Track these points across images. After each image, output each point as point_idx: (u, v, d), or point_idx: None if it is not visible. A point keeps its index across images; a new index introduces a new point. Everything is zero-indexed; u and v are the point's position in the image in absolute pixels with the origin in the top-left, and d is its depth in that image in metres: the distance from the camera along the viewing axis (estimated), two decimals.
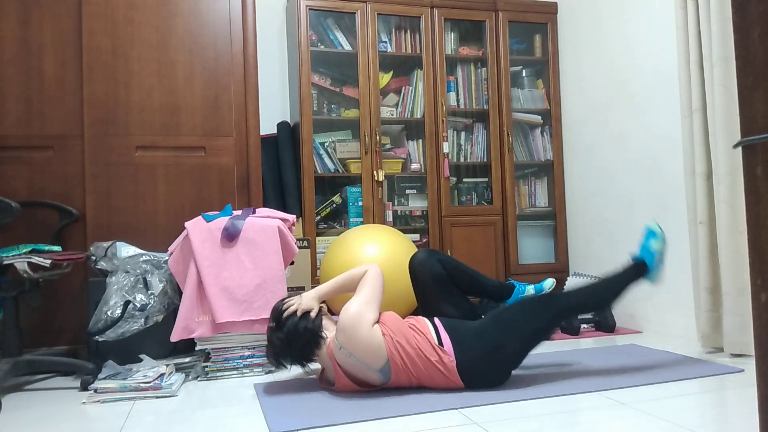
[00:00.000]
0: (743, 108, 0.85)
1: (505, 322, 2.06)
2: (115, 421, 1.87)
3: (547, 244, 3.90)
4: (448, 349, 1.99)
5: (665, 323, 3.01)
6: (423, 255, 2.30)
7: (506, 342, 2.01)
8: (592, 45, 3.54)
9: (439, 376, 1.99)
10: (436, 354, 1.98)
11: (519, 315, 2.08)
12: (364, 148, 3.49)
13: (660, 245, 2.30)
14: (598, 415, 1.76)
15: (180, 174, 2.87)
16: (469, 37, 3.88)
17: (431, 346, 1.99)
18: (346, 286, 2.19)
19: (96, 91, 2.79)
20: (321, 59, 3.59)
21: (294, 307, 2.09)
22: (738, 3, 0.84)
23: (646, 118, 3.12)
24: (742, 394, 1.93)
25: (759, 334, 0.83)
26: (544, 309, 2.11)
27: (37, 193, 2.69)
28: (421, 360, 1.98)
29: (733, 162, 2.39)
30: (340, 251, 3.00)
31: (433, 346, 1.99)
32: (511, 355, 2.04)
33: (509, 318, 2.07)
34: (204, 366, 2.39)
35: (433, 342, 2.00)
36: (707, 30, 2.49)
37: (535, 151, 3.90)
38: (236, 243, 2.47)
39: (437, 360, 1.98)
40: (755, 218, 0.83)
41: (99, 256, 2.50)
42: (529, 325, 2.06)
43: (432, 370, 1.98)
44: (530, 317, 2.07)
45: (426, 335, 2.01)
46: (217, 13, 2.96)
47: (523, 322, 2.05)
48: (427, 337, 2.01)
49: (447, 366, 1.98)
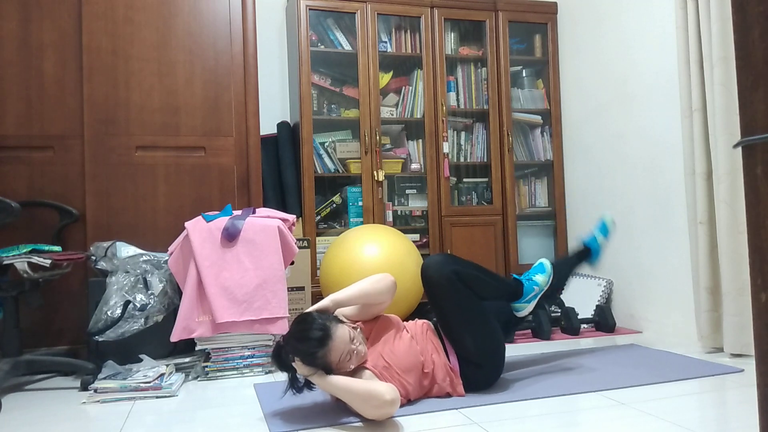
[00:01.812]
0: (743, 108, 0.85)
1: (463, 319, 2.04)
2: (115, 421, 1.87)
3: (547, 244, 3.90)
4: (456, 367, 2.00)
5: (665, 323, 3.01)
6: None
7: (467, 335, 2.01)
8: (592, 45, 3.54)
9: (444, 393, 2.00)
10: (448, 378, 1.99)
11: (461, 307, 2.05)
12: (364, 148, 3.49)
13: (544, 281, 2.22)
14: (598, 415, 1.76)
15: (180, 174, 2.87)
16: (469, 37, 3.88)
17: (445, 371, 1.99)
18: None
19: (96, 91, 2.79)
20: (321, 59, 3.59)
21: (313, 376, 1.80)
22: (738, 3, 0.84)
23: (646, 118, 3.12)
24: (742, 394, 1.93)
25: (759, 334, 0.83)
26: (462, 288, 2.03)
27: (37, 193, 2.69)
28: (429, 390, 1.97)
29: (733, 162, 2.39)
30: (340, 251, 3.00)
31: (447, 371, 1.99)
32: (475, 347, 2.01)
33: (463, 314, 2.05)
34: (204, 366, 2.40)
35: (446, 365, 1.99)
36: (707, 30, 2.49)
37: (535, 151, 3.90)
38: (236, 243, 2.47)
39: (448, 384, 1.99)
40: (755, 218, 0.83)
41: (99, 256, 2.50)
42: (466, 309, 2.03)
43: (439, 391, 1.99)
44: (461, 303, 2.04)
45: (441, 359, 1.99)
46: (217, 13, 2.96)
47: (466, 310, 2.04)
48: (442, 360, 2.00)
49: (456, 390, 1.99)
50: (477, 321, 2.04)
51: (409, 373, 1.90)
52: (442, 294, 2.03)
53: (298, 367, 1.78)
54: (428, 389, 1.97)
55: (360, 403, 1.71)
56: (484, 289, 2.08)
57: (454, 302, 2.02)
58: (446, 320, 2.05)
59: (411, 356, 1.92)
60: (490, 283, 2.11)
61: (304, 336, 1.76)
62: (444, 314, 2.05)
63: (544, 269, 2.23)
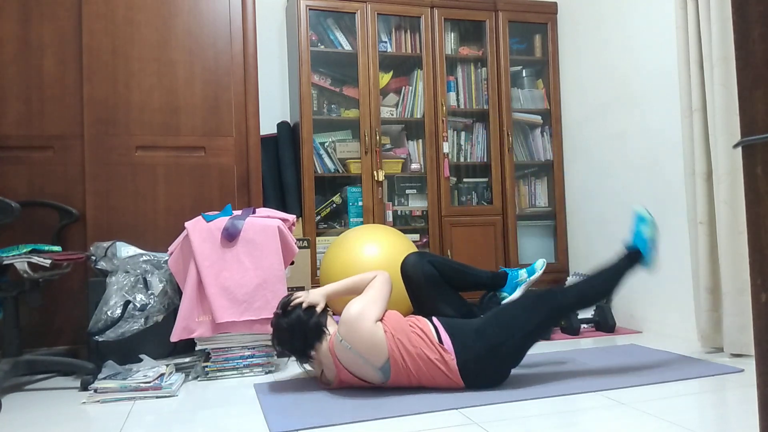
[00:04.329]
0: (743, 108, 0.85)
1: (505, 319, 2.06)
2: (115, 421, 1.87)
3: (547, 244, 3.90)
4: (449, 347, 1.99)
5: (665, 323, 3.01)
6: (414, 258, 2.34)
7: (506, 340, 2.01)
8: (592, 45, 3.54)
9: (440, 376, 1.99)
10: (437, 352, 1.99)
11: (518, 312, 2.09)
12: (364, 148, 3.49)
13: (651, 230, 2.28)
14: (598, 415, 1.76)
15: (180, 174, 2.87)
16: (469, 37, 3.88)
17: (432, 344, 2.00)
18: (355, 288, 2.20)
19: (96, 91, 2.79)
20: (321, 59, 3.59)
21: (301, 299, 2.13)
22: (738, 3, 0.84)
23: (646, 118, 3.12)
24: (742, 394, 1.93)
25: (759, 334, 0.83)
26: (543, 304, 2.11)
27: (37, 193, 2.69)
28: (422, 359, 1.98)
29: (733, 162, 2.39)
30: (340, 251, 3.00)
31: (434, 344, 1.99)
32: (510, 352, 2.04)
33: (509, 315, 2.08)
34: (204, 366, 2.39)
35: (434, 340, 2.00)
36: (707, 30, 2.49)
37: (535, 151, 3.90)
38: (236, 243, 2.47)
39: (438, 358, 1.98)
40: (755, 218, 0.83)
41: (99, 256, 2.50)
42: (528, 322, 2.06)
43: (433, 369, 1.98)
44: (529, 314, 2.07)
45: (427, 334, 2.02)
46: (217, 13, 2.96)
47: (522, 319, 2.06)
48: (428, 335, 2.01)
49: (448, 365, 1.98)
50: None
51: (391, 322, 2.04)
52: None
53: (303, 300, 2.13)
54: (415, 348, 1.97)
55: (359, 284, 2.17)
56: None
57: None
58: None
59: (396, 315, 2.10)
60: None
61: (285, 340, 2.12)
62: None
63: (645, 219, 2.29)
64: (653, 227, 2.29)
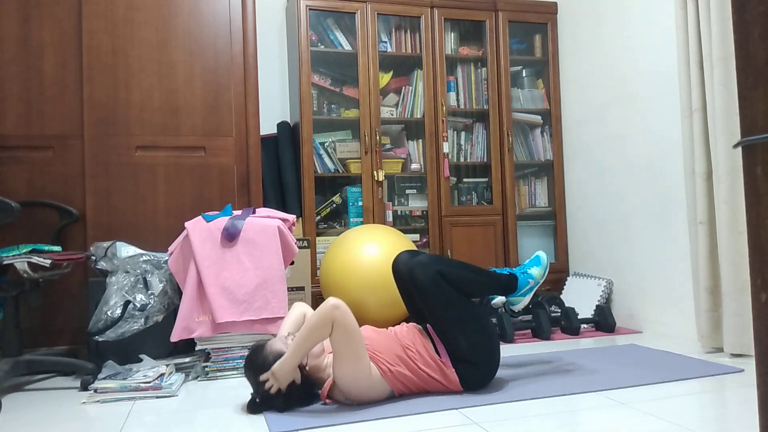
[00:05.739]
0: (743, 108, 0.85)
1: (456, 317, 2.02)
2: (115, 421, 1.87)
3: (547, 244, 3.90)
4: (447, 360, 1.99)
5: (665, 323, 3.01)
6: (405, 256, 2.16)
7: (471, 333, 2.00)
8: (592, 45, 3.54)
9: (440, 387, 2.00)
10: (438, 369, 1.99)
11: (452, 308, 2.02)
12: (364, 148, 3.49)
13: (540, 275, 2.19)
14: (598, 415, 1.76)
15: (180, 174, 2.87)
16: (469, 37, 3.88)
17: (432, 360, 1.98)
18: (310, 343, 1.85)
19: (96, 91, 2.79)
20: (321, 59, 3.59)
21: (270, 384, 1.85)
22: (738, 3, 0.84)
23: (646, 118, 3.12)
24: (742, 394, 1.93)
25: (759, 334, 0.83)
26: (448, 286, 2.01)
27: (37, 193, 2.69)
28: (423, 379, 1.98)
29: (733, 162, 2.39)
30: (340, 251, 3.00)
31: (434, 360, 1.98)
32: (483, 342, 2.01)
33: (454, 314, 2.02)
34: (204, 366, 2.39)
35: (433, 356, 1.99)
36: (707, 30, 2.49)
37: (535, 151, 3.90)
38: (236, 243, 2.47)
39: (440, 374, 1.99)
40: (755, 218, 0.83)
41: (99, 256, 2.50)
42: (462, 309, 2.02)
43: (433, 384, 1.99)
44: (455, 303, 2.02)
45: (425, 351, 1.99)
46: (217, 13, 2.96)
47: (457, 310, 2.01)
48: (427, 351, 2.00)
49: (449, 378, 1.99)
50: (468, 319, 2.02)
51: (385, 353, 1.94)
52: (428, 296, 2.00)
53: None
54: (415, 373, 1.95)
55: (316, 333, 1.79)
56: (471, 287, 2.08)
57: (442, 303, 2.00)
58: (436, 321, 2.03)
59: (387, 339, 1.99)
60: (476, 280, 2.11)
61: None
62: (433, 315, 2.03)
63: (540, 262, 2.21)
64: (543, 273, 2.20)
